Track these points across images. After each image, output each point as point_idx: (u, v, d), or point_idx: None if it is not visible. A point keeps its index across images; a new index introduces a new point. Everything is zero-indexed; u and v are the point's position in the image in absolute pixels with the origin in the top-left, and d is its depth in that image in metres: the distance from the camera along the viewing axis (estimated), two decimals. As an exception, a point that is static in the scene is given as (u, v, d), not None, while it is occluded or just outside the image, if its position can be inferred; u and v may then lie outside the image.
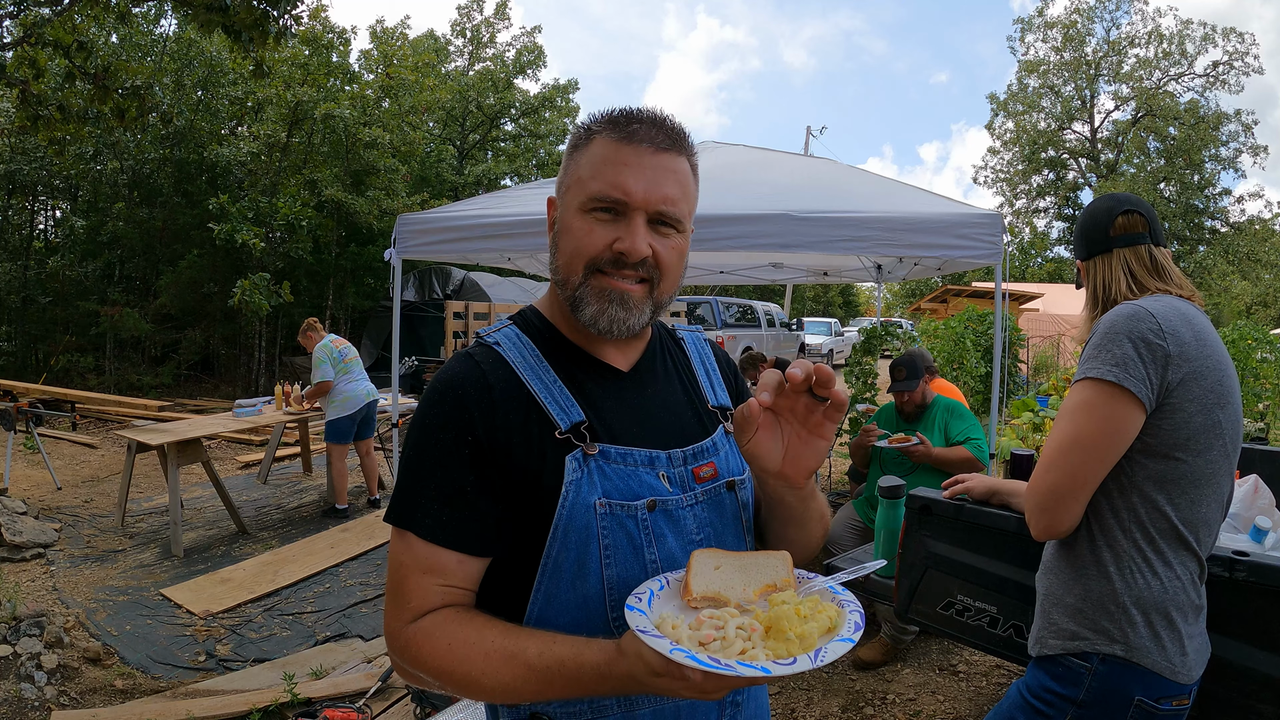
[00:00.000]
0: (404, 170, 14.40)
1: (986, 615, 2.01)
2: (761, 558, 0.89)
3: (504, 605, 0.95)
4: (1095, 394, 1.34)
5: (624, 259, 0.93)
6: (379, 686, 3.28)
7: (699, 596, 0.84)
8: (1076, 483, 1.35)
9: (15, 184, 12.54)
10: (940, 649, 3.67)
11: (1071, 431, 1.35)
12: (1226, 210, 30.01)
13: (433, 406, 0.95)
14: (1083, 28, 30.77)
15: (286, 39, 5.83)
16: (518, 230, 4.33)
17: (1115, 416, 1.32)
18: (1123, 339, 1.33)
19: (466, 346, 1.02)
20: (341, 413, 5.89)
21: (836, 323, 23.96)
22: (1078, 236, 1.62)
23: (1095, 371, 1.34)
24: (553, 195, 1.04)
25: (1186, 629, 1.35)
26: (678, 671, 0.74)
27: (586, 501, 0.92)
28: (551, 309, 1.05)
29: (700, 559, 0.88)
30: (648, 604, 0.82)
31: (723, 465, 1.05)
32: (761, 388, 0.83)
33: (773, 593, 0.84)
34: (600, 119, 0.98)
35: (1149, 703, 1.32)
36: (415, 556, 0.92)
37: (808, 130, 20.92)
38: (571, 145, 1.01)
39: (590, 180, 0.94)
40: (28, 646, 3.48)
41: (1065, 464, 1.35)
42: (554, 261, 0.99)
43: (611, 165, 0.93)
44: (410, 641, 0.91)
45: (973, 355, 9.11)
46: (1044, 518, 1.39)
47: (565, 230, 0.97)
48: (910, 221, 3.92)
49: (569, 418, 0.95)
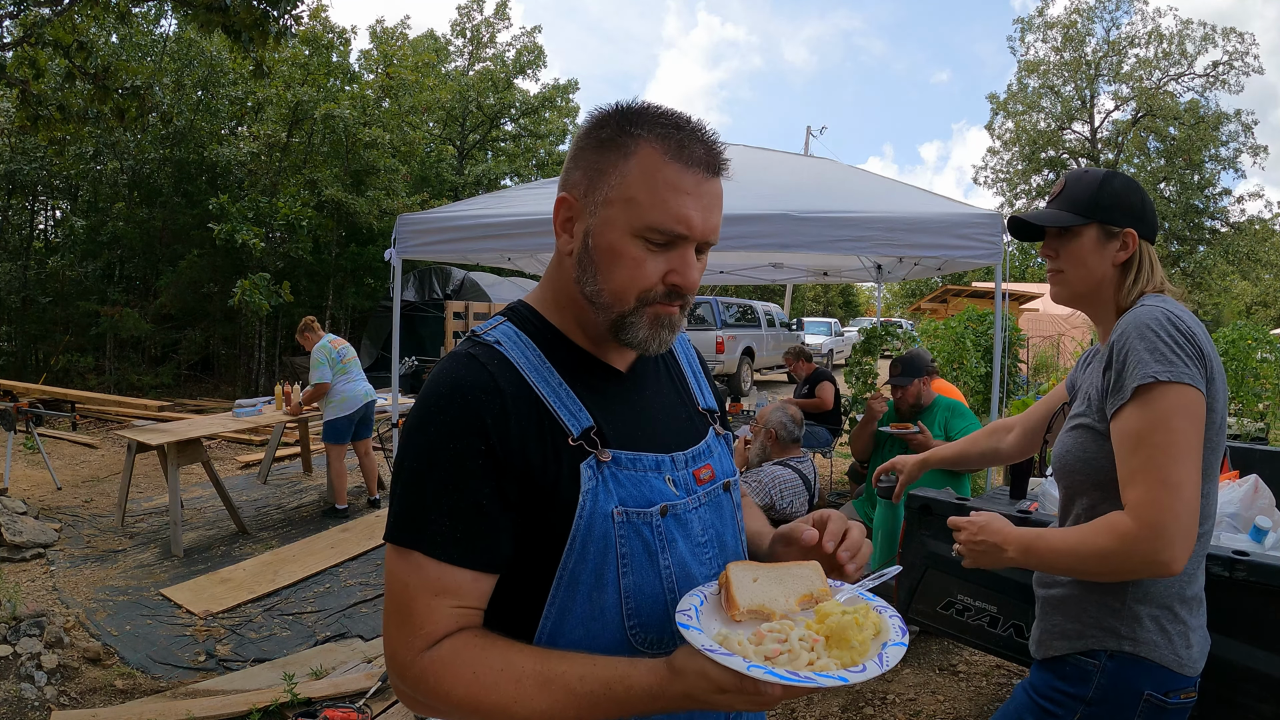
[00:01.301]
0: (404, 170, 14.40)
1: (986, 615, 2.01)
2: (794, 568, 0.90)
3: (514, 619, 0.91)
4: (1177, 397, 1.24)
5: (678, 291, 0.92)
6: (379, 686, 3.28)
7: (745, 610, 0.83)
8: (1197, 490, 1.23)
9: (15, 184, 12.54)
10: (940, 649, 3.67)
11: (1176, 440, 1.23)
12: (1226, 210, 30.00)
13: (439, 413, 0.87)
14: (1083, 28, 30.75)
15: (286, 39, 5.84)
16: (518, 230, 4.33)
17: (1201, 416, 1.25)
18: (1169, 337, 1.27)
19: (464, 345, 0.95)
20: (339, 413, 5.89)
21: (836, 323, 23.95)
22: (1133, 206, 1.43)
23: (1166, 375, 1.24)
24: (567, 194, 0.94)
25: (1191, 621, 1.35)
26: (753, 687, 0.74)
27: (604, 510, 0.89)
28: (550, 307, 1.00)
29: (737, 572, 0.87)
30: (698, 622, 0.82)
31: (719, 467, 1.05)
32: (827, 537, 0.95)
33: (812, 603, 0.86)
34: (647, 122, 0.90)
35: (1158, 696, 1.32)
36: (425, 577, 0.85)
37: (808, 130, 20.94)
38: (605, 142, 0.91)
39: (650, 207, 0.88)
40: (28, 646, 3.48)
41: (1187, 475, 1.22)
42: (594, 283, 0.92)
43: (672, 193, 0.88)
44: (427, 671, 0.84)
45: (973, 355, 9.10)
46: (1187, 543, 1.21)
47: (614, 255, 0.90)
48: (910, 221, 3.92)
49: (579, 423, 0.91)
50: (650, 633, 0.93)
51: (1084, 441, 1.38)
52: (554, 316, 0.99)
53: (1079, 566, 1.30)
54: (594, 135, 0.93)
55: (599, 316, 0.94)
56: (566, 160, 0.97)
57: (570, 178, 0.95)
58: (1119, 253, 1.42)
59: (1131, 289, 1.41)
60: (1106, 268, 1.42)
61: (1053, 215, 1.45)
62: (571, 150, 0.97)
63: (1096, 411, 1.36)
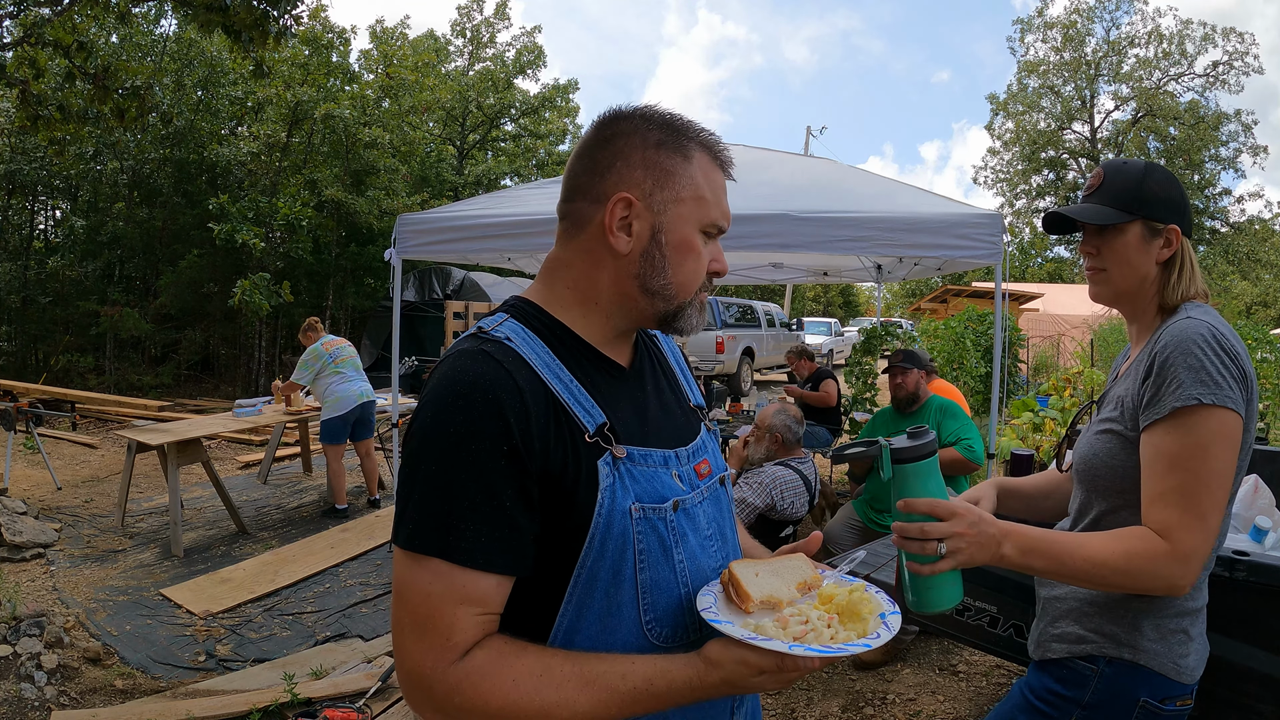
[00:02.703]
0: (404, 170, 14.40)
1: (986, 615, 2.01)
2: (785, 561, 1.01)
3: (529, 617, 0.90)
4: (1220, 423, 1.22)
5: (717, 276, 1.02)
6: (379, 686, 3.28)
7: (759, 602, 0.92)
8: (1221, 519, 1.25)
9: (15, 184, 12.54)
10: (940, 649, 3.67)
11: (1212, 467, 1.21)
12: (1226, 210, 30.03)
13: (457, 413, 0.84)
14: (1082, 28, 30.77)
15: (286, 39, 5.84)
16: (518, 230, 4.33)
17: (1237, 444, 1.24)
18: (1217, 358, 1.23)
19: (471, 341, 0.93)
20: (333, 413, 5.90)
21: (836, 323, 23.95)
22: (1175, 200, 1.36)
23: (1210, 398, 1.21)
24: (629, 194, 0.94)
25: (1192, 630, 1.34)
26: (792, 665, 0.82)
27: (622, 507, 0.90)
28: (559, 305, 0.99)
29: (741, 569, 0.95)
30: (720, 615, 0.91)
31: (714, 462, 1.09)
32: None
33: (808, 589, 0.97)
34: (693, 130, 0.99)
35: (1154, 704, 1.32)
36: (450, 585, 0.82)
37: (808, 130, 20.95)
38: (663, 144, 0.96)
39: (714, 204, 0.99)
40: (28, 646, 3.48)
41: (1214, 505, 1.22)
42: (663, 277, 0.96)
43: (722, 192, 1.01)
44: (463, 683, 0.82)
45: (973, 355, 9.12)
46: (1200, 568, 1.22)
47: (687, 248, 0.97)
48: (910, 221, 3.92)
49: (593, 420, 0.91)
50: (665, 627, 0.94)
51: (1112, 447, 1.34)
52: (562, 314, 0.98)
53: (1092, 575, 1.24)
54: (649, 138, 0.96)
55: (656, 308, 0.99)
56: (610, 161, 0.96)
57: (629, 177, 0.95)
58: (1163, 250, 1.36)
59: (1175, 289, 1.35)
60: (1150, 266, 1.36)
61: (1095, 211, 1.38)
62: (618, 151, 0.96)
63: (1130, 420, 1.32)
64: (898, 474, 1.19)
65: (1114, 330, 12.24)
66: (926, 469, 1.19)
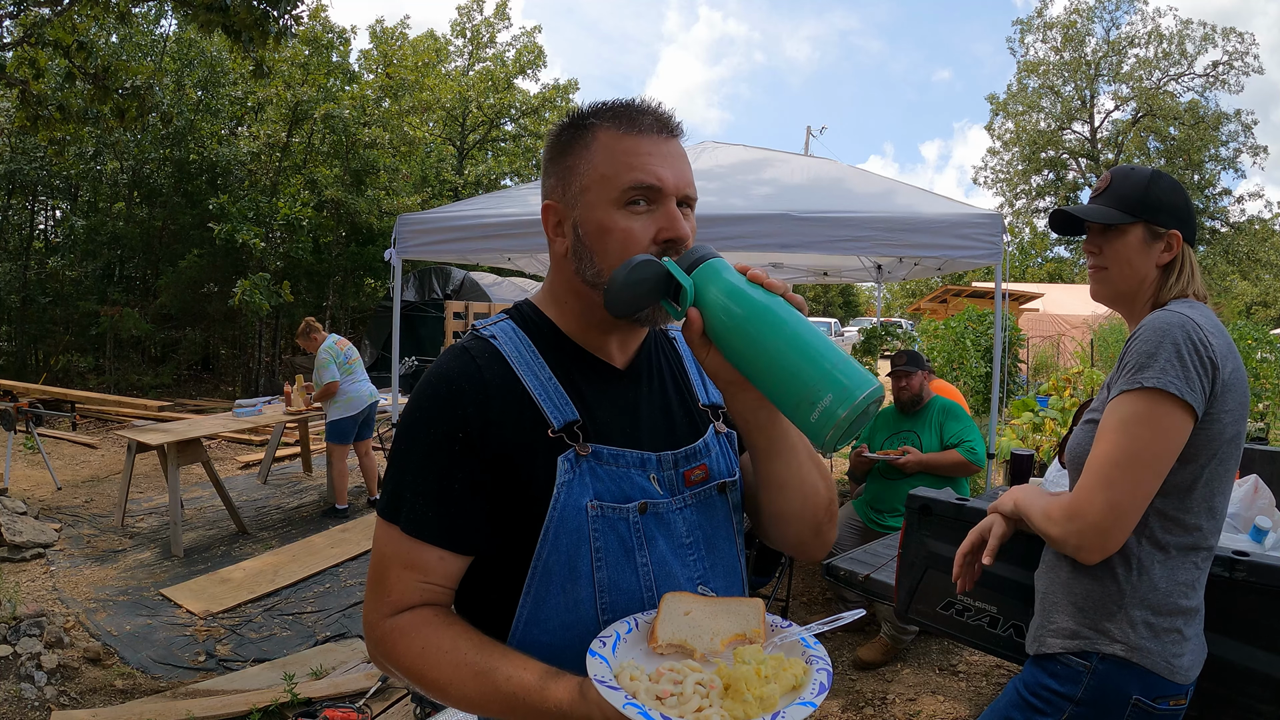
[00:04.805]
0: (404, 170, 14.41)
1: (986, 615, 2.01)
2: (734, 604, 0.89)
3: (493, 604, 0.95)
4: (1154, 406, 1.27)
5: (674, 245, 0.93)
6: (379, 686, 3.29)
7: (665, 644, 0.84)
8: (1137, 500, 1.29)
9: (15, 184, 12.54)
10: (940, 649, 3.67)
11: (1131, 446, 1.28)
12: (1226, 210, 30.02)
13: (425, 400, 0.94)
14: (1082, 28, 30.77)
15: (286, 39, 5.83)
16: (518, 230, 4.33)
17: (1174, 429, 1.28)
18: (1175, 347, 1.28)
19: (461, 340, 1.00)
20: (345, 413, 5.90)
21: (837, 323, 23.99)
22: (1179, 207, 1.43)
23: (1152, 381, 1.27)
24: (549, 201, 1.00)
25: (1187, 630, 1.35)
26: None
27: (578, 503, 0.91)
28: (551, 305, 1.03)
29: (670, 603, 0.87)
30: (612, 649, 0.82)
31: (714, 467, 1.04)
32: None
33: (742, 643, 0.83)
34: (598, 112, 0.97)
35: (1146, 702, 1.32)
36: (398, 550, 0.93)
37: (808, 130, 20.96)
38: (566, 143, 0.98)
39: (619, 174, 0.93)
40: (28, 646, 3.48)
41: (1127, 481, 1.28)
42: (592, 266, 0.95)
43: (636, 156, 0.93)
44: (386, 636, 0.92)
45: (973, 355, 9.11)
46: (1100, 539, 1.29)
47: (603, 231, 0.93)
48: (910, 222, 3.92)
49: (562, 416, 0.94)
50: None
51: (1091, 434, 1.41)
52: (553, 314, 1.03)
53: (1040, 528, 1.40)
54: (555, 143, 1.00)
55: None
56: (541, 178, 1.04)
57: (547, 186, 1.01)
58: (1163, 254, 1.42)
59: (1170, 291, 1.42)
60: (1149, 268, 1.43)
61: (1100, 211, 1.44)
62: (543, 167, 1.04)
63: (1103, 407, 1.40)
64: (698, 281, 0.86)
65: (1114, 330, 12.23)
66: (718, 265, 0.88)
